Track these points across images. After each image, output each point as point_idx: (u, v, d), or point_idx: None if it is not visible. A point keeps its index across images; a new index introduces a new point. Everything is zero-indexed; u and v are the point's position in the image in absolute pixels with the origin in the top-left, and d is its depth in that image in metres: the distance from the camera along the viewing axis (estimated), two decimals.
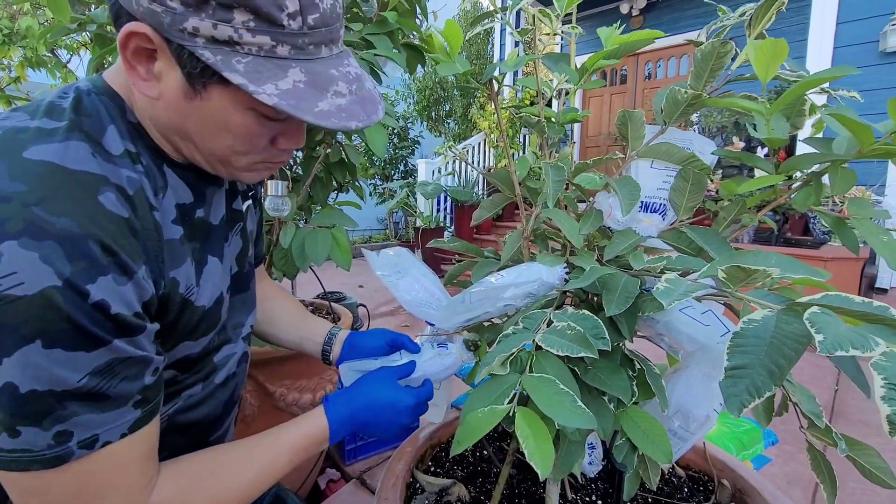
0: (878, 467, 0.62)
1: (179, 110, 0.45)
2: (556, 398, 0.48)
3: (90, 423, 0.39)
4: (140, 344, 0.42)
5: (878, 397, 0.27)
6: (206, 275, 0.52)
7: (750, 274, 0.39)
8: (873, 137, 0.50)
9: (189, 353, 0.51)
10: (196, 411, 0.56)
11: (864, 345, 0.29)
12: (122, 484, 0.43)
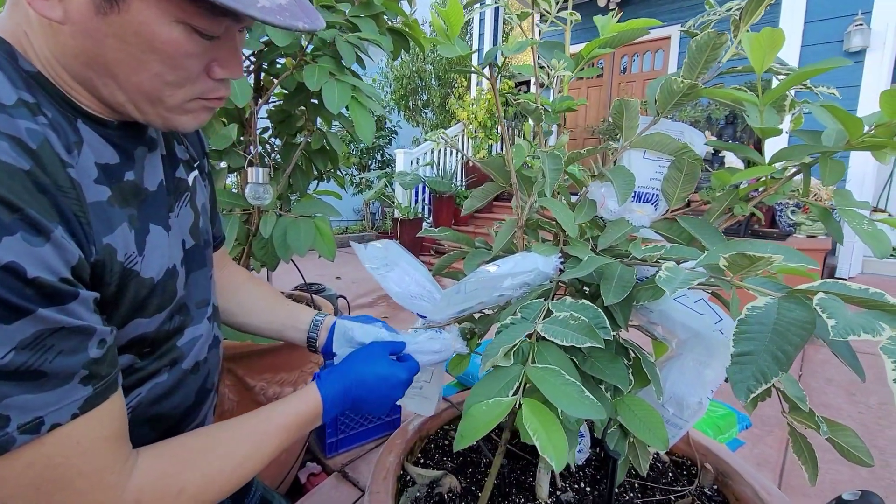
0: (856, 447, 0.65)
1: (92, 33, 0.38)
2: (564, 389, 0.47)
3: (29, 405, 0.35)
4: (74, 312, 0.37)
5: (892, 380, 0.27)
6: (151, 245, 0.47)
7: (753, 261, 0.39)
8: (862, 129, 0.52)
9: (145, 333, 0.47)
10: (167, 402, 0.52)
11: (873, 329, 0.30)
12: (89, 468, 0.39)
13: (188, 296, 0.54)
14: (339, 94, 0.85)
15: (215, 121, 1.21)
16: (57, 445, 0.37)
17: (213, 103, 0.48)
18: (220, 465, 0.47)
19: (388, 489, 0.71)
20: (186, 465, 0.45)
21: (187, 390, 0.55)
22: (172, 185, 0.53)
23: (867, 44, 3.41)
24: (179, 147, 0.57)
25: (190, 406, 0.56)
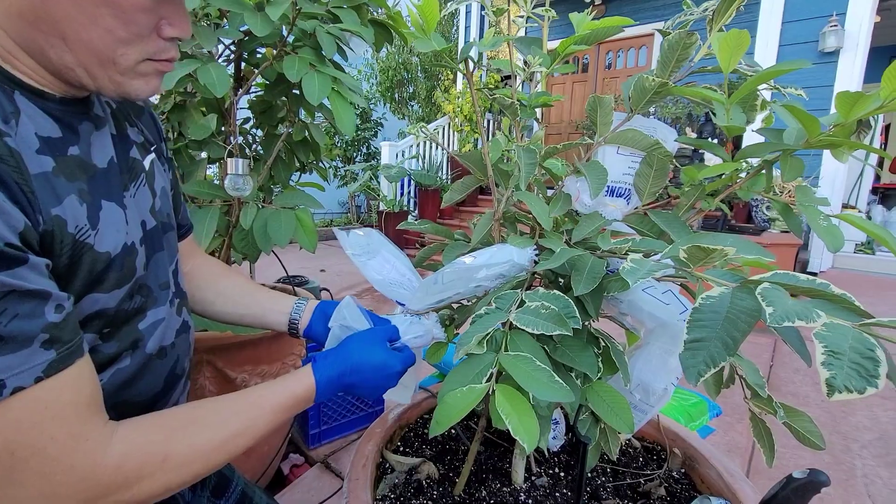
0: (811, 431, 0.68)
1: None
2: (534, 374, 0.49)
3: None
4: (24, 276, 0.37)
5: (819, 363, 0.29)
6: (105, 220, 0.46)
7: (709, 253, 0.41)
8: (819, 128, 0.54)
9: (104, 308, 0.46)
10: (133, 387, 0.52)
11: (808, 316, 0.32)
12: (62, 434, 0.39)
13: (149, 276, 0.53)
14: (319, 86, 0.85)
15: (194, 110, 1.20)
16: (25, 410, 0.37)
17: (164, 66, 0.47)
18: (209, 436, 0.47)
19: (367, 476, 0.72)
20: (173, 433, 0.45)
21: (154, 376, 0.54)
22: (126, 165, 0.52)
23: (841, 44, 3.51)
24: (132, 129, 0.57)
25: (159, 392, 0.55)
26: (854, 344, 0.31)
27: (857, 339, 0.32)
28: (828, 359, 0.30)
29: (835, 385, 0.28)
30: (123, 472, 0.41)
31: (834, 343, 0.31)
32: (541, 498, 0.77)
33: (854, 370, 0.29)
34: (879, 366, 0.29)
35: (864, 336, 0.32)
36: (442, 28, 7.20)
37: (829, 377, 0.29)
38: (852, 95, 0.48)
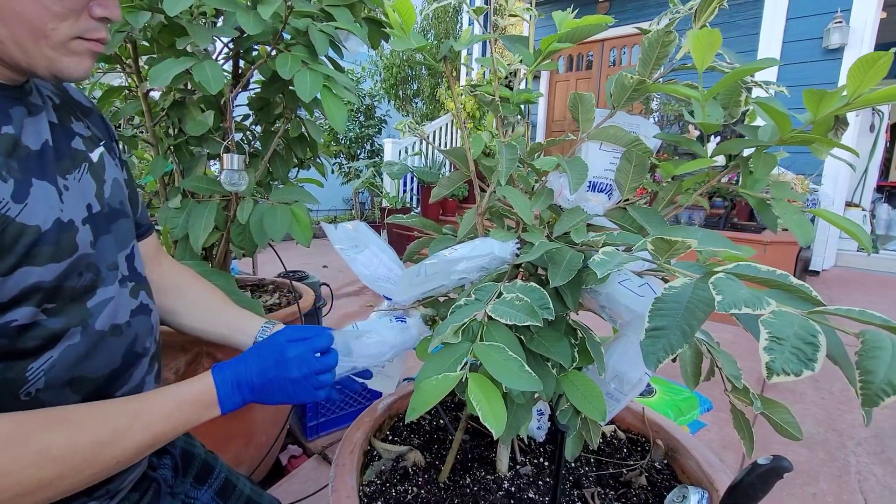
0: (788, 422, 0.70)
1: None
2: (505, 364, 0.51)
3: None
4: None
5: (762, 348, 0.31)
6: (35, 196, 0.47)
7: (672, 245, 0.42)
8: (790, 125, 0.55)
9: (39, 282, 0.46)
10: (86, 364, 0.52)
11: (756, 304, 0.34)
12: None
13: (97, 256, 0.54)
14: (310, 83, 0.87)
15: (193, 107, 1.22)
16: None
17: (95, 46, 0.49)
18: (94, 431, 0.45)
19: (354, 462, 0.74)
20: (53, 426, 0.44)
21: (110, 353, 0.55)
22: (67, 152, 0.54)
23: (846, 41, 3.48)
24: (78, 123, 0.59)
25: (117, 369, 0.56)
26: (799, 331, 0.33)
27: (803, 326, 0.33)
28: (770, 344, 0.31)
29: (773, 368, 0.30)
30: None
31: (779, 329, 0.32)
32: (524, 486, 0.79)
33: (794, 354, 0.31)
34: (818, 350, 0.31)
35: (811, 323, 0.34)
36: (447, 24, 7.19)
37: (769, 361, 0.30)
38: (817, 93, 0.49)
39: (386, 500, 0.72)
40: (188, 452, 0.76)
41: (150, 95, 1.28)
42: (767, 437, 1.85)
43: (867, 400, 0.28)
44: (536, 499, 0.76)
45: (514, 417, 0.67)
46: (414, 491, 0.75)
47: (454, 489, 0.76)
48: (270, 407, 1.46)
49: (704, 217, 3.62)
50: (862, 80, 0.47)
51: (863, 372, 0.28)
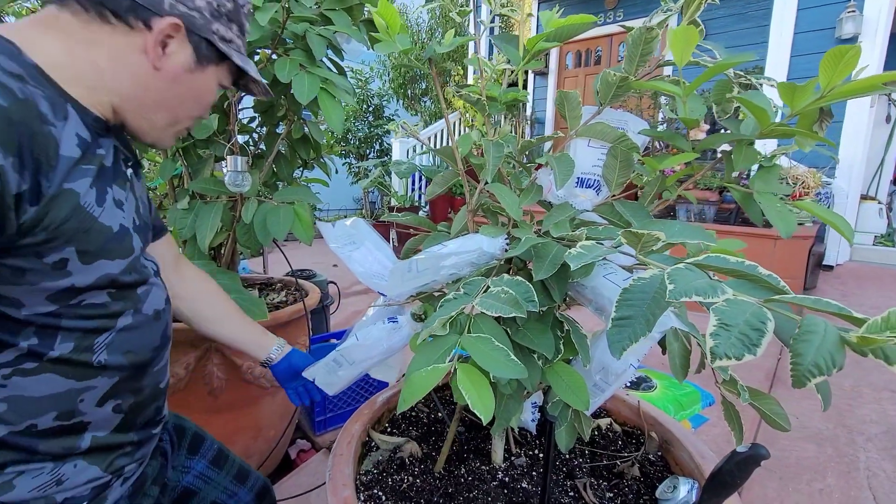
0: (777, 413, 0.70)
1: (174, 79, 0.58)
2: (492, 354, 0.53)
3: None
4: None
5: (708, 333, 0.32)
6: (109, 204, 0.55)
7: (640, 238, 0.44)
8: (769, 119, 0.56)
9: (110, 273, 0.55)
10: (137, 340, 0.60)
11: (710, 293, 0.35)
12: None
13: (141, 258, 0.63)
14: (308, 86, 0.90)
15: None
16: None
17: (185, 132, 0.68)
18: None
19: (352, 453, 0.77)
20: None
21: (153, 334, 0.63)
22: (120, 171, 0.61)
23: (859, 31, 3.40)
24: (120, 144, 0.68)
25: (157, 347, 0.64)
26: (750, 318, 0.34)
27: (755, 314, 0.35)
28: (717, 330, 0.33)
29: (717, 353, 0.31)
30: None
31: (728, 316, 0.34)
32: (518, 476, 0.81)
33: (739, 340, 0.32)
34: (763, 336, 0.32)
35: (763, 311, 0.35)
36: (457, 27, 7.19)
37: (713, 346, 0.32)
38: (791, 87, 0.50)
39: (382, 489, 0.75)
40: (179, 426, 0.82)
41: None
42: (776, 433, 1.84)
43: (796, 380, 0.29)
44: (529, 489, 0.78)
45: (504, 409, 0.70)
46: (410, 480, 0.77)
47: (449, 479, 0.79)
48: (279, 402, 1.50)
49: (716, 212, 3.58)
50: (833, 74, 0.48)
51: (794, 354, 0.30)
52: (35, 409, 0.51)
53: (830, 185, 3.39)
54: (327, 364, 0.81)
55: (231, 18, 0.61)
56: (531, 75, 6.23)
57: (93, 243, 0.52)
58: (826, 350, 0.29)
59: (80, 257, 0.51)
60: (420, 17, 7.19)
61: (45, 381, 0.52)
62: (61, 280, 0.50)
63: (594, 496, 0.76)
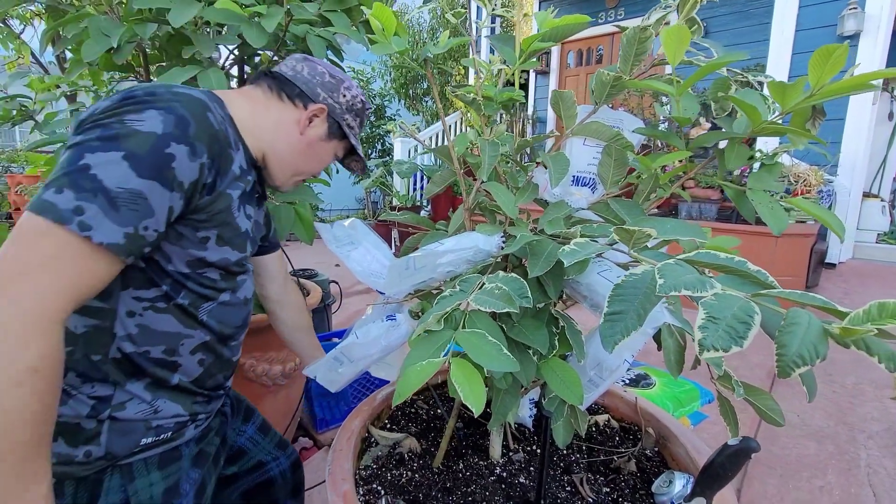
0: (772, 409, 0.71)
1: (309, 143, 0.79)
2: (485, 348, 0.54)
3: (96, 216, 0.51)
4: (158, 200, 0.56)
5: (697, 326, 0.33)
6: (242, 213, 0.72)
7: (632, 234, 0.45)
8: (761, 118, 0.57)
9: (227, 259, 0.70)
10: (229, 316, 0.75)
11: (699, 287, 0.36)
12: (51, 286, 0.50)
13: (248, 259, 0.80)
14: None
15: None
16: (69, 253, 0.51)
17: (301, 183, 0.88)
18: None
19: (351, 448, 0.78)
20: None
21: (240, 314, 0.78)
22: (253, 197, 0.79)
23: (861, 27, 3.39)
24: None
25: (239, 327, 0.78)
26: (738, 312, 0.35)
27: (742, 308, 0.35)
28: (705, 323, 0.34)
29: (704, 345, 0.32)
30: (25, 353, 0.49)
31: (717, 310, 0.35)
32: (515, 471, 0.81)
33: (727, 332, 0.33)
34: (750, 329, 0.33)
35: (751, 304, 0.36)
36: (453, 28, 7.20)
37: (701, 338, 0.33)
38: (780, 85, 0.51)
39: (381, 483, 0.76)
40: (237, 398, 0.96)
41: None
42: (776, 431, 1.84)
43: (781, 370, 0.30)
44: (527, 483, 0.79)
45: (501, 404, 0.70)
46: (408, 475, 0.78)
47: (447, 473, 0.80)
48: (281, 400, 1.51)
49: (718, 210, 3.58)
50: (822, 72, 0.48)
51: (779, 346, 0.30)
52: (153, 339, 0.65)
53: (833, 182, 3.38)
54: (328, 362, 0.82)
55: (357, 114, 0.83)
56: (532, 74, 6.23)
57: (227, 234, 0.69)
58: (809, 341, 0.30)
59: (217, 240, 0.67)
60: (421, 18, 7.20)
61: (166, 320, 0.66)
62: (200, 252, 0.66)
63: (590, 491, 0.77)
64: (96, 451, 0.61)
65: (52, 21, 1.19)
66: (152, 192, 0.55)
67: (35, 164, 2.83)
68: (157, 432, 0.66)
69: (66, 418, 0.60)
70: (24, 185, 3.14)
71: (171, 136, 0.56)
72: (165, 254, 0.63)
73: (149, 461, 0.66)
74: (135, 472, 0.65)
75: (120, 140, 0.54)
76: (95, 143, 0.54)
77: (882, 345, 0.30)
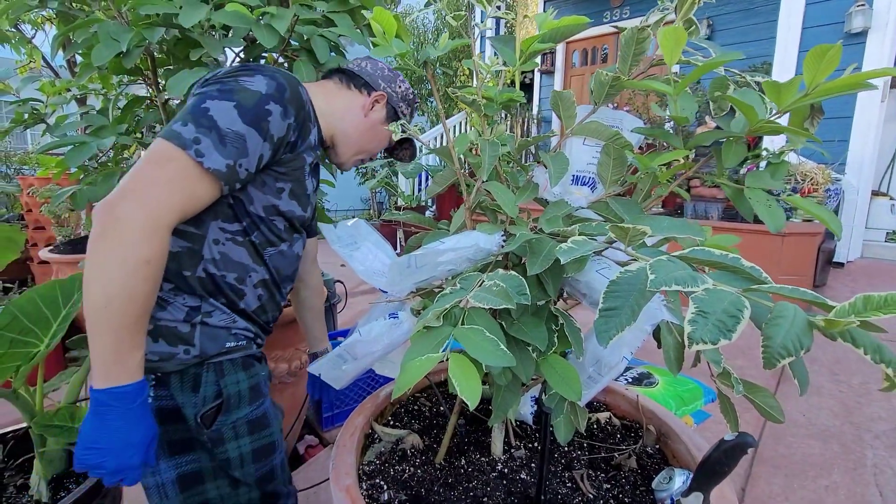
0: (771, 406, 0.71)
1: (371, 125, 0.92)
2: (482, 344, 0.55)
3: (208, 147, 0.66)
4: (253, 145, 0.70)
5: (687, 320, 0.34)
6: (309, 179, 0.84)
7: (627, 232, 0.46)
8: (758, 117, 0.58)
9: (295, 213, 0.82)
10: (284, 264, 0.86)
11: (690, 282, 0.37)
12: (168, 199, 0.64)
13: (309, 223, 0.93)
14: None
15: None
16: (182, 175, 0.65)
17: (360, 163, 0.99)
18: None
19: (354, 444, 0.80)
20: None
21: (292, 265, 0.88)
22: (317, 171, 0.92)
23: (869, 24, 3.35)
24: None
25: (288, 275, 0.88)
26: (728, 306, 0.36)
27: (733, 302, 0.36)
28: (695, 317, 0.34)
29: (693, 338, 0.33)
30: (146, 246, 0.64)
31: (706, 304, 0.36)
32: (517, 467, 0.82)
33: (716, 326, 0.34)
34: (739, 322, 0.34)
35: (741, 299, 0.37)
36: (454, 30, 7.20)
37: (691, 332, 0.33)
38: (776, 84, 0.52)
39: (384, 478, 0.77)
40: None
41: (169, 103, 1.36)
42: (781, 431, 1.83)
43: (767, 361, 0.31)
44: (528, 479, 0.80)
45: (502, 402, 0.71)
46: (411, 470, 0.80)
47: (449, 469, 0.81)
48: (287, 398, 1.53)
49: (723, 209, 3.56)
50: (816, 72, 0.49)
51: (765, 337, 0.31)
52: (229, 266, 0.76)
53: (840, 181, 3.35)
54: (332, 359, 0.84)
55: (409, 104, 0.97)
56: (537, 74, 6.23)
57: (297, 190, 0.81)
58: (794, 333, 0.30)
59: (290, 194, 0.80)
60: (427, 18, 7.22)
61: (241, 252, 0.77)
62: (275, 199, 0.79)
63: (591, 487, 0.77)
64: (192, 350, 0.74)
65: (63, 26, 1.22)
66: (250, 137, 0.69)
67: (46, 166, 2.87)
68: (237, 339, 0.79)
69: (166, 322, 0.73)
70: (36, 187, 3.19)
71: (271, 97, 0.71)
72: (249, 196, 0.76)
73: (234, 362, 0.78)
74: (224, 370, 0.77)
75: (234, 93, 0.69)
76: (215, 93, 0.69)
77: (867, 336, 0.31)
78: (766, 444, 1.75)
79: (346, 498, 0.66)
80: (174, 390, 0.74)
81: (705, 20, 4.54)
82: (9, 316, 0.99)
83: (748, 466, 1.63)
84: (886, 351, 0.31)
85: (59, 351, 2.23)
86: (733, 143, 0.63)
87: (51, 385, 1.16)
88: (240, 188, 0.74)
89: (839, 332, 0.31)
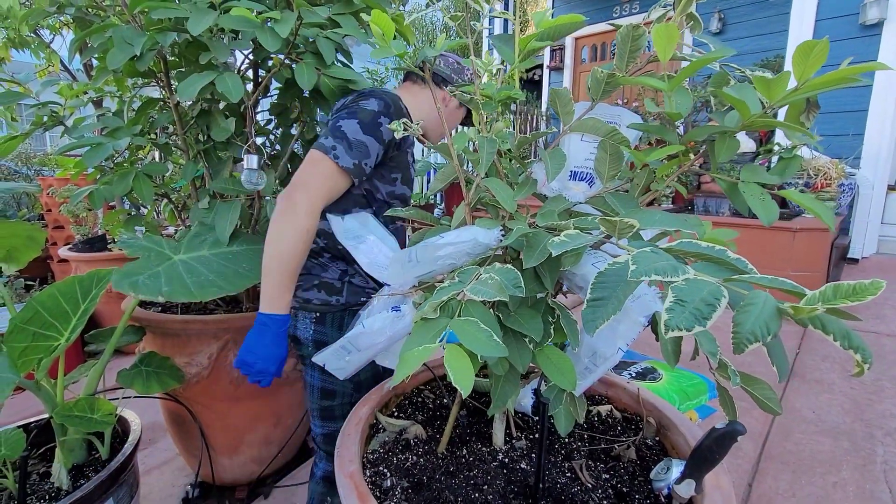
0: (769, 397, 0.72)
1: (450, 113, 1.19)
2: (476, 335, 0.57)
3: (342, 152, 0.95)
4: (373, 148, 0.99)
5: (665, 308, 0.36)
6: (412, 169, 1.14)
7: (615, 225, 0.47)
8: (750, 112, 0.58)
9: (406, 194, 1.13)
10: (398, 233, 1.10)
11: (670, 273, 0.38)
12: (320, 189, 0.96)
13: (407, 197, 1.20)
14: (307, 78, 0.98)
15: (218, 115, 1.33)
16: (322, 171, 0.96)
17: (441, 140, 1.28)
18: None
19: (359, 433, 0.82)
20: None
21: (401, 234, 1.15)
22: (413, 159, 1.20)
23: (884, 15, 3.28)
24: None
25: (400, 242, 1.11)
26: (707, 296, 0.37)
27: (712, 292, 0.38)
28: (673, 305, 0.36)
29: (670, 325, 0.35)
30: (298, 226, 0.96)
31: (685, 294, 0.37)
32: (517, 458, 0.84)
33: (692, 314, 0.35)
34: (715, 311, 0.35)
35: (720, 289, 0.38)
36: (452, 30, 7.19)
37: (668, 319, 0.35)
38: (765, 80, 0.52)
39: (387, 466, 0.80)
40: None
41: (181, 105, 1.40)
42: (790, 427, 1.82)
43: (736, 346, 0.32)
44: (528, 469, 0.81)
45: (501, 393, 0.73)
46: (413, 459, 0.82)
47: (451, 458, 0.83)
48: (297, 392, 1.57)
49: (731, 205, 3.52)
50: (805, 67, 0.50)
51: (735, 324, 0.33)
52: None
53: (855, 175, 3.29)
54: (336, 350, 0.86)
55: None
56: (546, 71, 6.20)
57: (406, 176, 1.10)
58: (763, 320, 0.32)
59: (402, 180, 1.09)
60: (434, 16, 7.22)
61: None
62: (391, 186, 1.07)
63: (590, 477, 0.79)
64: (341, 300, 1.06)
65: (80, 31, 1.26)
66: (370, 143, 0.97)
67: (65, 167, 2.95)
68: (367, 295, 1.08)
69: (326, 279, 1.07)
70: (55, 188, 3.28)
71: (382, 113, 0.99)
72: (376, 186, 1.05)
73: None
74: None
75: (356, 113, 0.98)
76: (345, 115, 0.98)
77: (837, 323, 0.32)
78: (773, 440, 1.74)
79: (350, 483, 0.69)
80: (327, 327, 1.08)
81: (717, 13, 4.49)
82: (31, 311, 1.03)
83: (755, 462, 1.63)
84: (855, 337, 0.32)
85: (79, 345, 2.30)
86: (727, 138, 0.63)
87: (71, 377, 1.21)
88: (366, 180, 1.02)
89: (809, 319, 0.32)
